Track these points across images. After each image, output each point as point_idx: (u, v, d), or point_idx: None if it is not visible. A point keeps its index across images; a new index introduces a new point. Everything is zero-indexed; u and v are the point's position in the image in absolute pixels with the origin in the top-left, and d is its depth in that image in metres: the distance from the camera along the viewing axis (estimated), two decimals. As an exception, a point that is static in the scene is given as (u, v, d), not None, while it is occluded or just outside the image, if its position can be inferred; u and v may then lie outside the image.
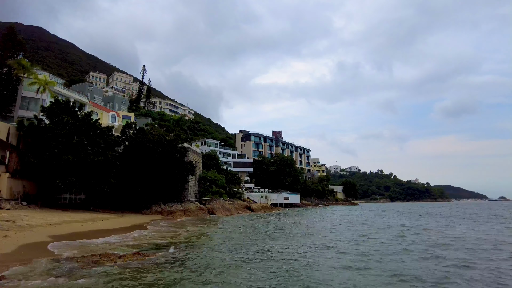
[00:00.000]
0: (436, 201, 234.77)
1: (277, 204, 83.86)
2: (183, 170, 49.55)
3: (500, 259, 17.70)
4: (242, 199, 68.95)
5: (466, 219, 50.26)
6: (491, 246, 21.89)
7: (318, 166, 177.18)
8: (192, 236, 25.98)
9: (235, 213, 55.43)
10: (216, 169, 69.34)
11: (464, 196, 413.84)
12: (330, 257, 17.79)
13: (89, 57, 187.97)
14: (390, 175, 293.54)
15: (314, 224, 40.26)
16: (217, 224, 37.62)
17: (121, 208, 42.79)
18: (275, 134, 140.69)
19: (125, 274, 13.07)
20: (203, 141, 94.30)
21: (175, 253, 18.26)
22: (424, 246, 21.90)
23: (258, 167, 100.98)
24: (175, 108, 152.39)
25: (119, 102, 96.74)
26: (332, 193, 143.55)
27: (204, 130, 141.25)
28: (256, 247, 21.04)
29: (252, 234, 28.28)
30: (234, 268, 14.95)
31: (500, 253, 19.31)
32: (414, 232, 30.87)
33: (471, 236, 27.30)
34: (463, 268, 15.50)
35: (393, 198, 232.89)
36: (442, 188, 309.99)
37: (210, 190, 59.06)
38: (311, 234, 28.62)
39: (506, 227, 35.93)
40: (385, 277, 13.72)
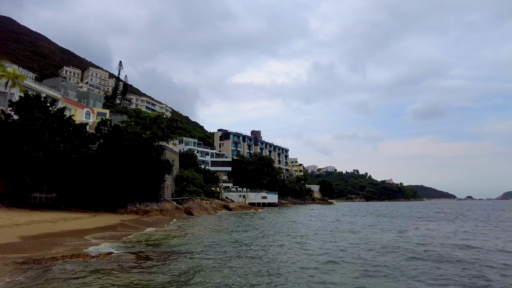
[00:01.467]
0: (409, 201, 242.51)
1: (255, 203, 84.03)
2: (160, 169, 48.76)
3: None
4: (220, 198, 68.66)
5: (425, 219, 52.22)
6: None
7: (296, 166, 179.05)
8: (167, 235, 25.62)
9: (213, 212, 55.12)
10: (194, 168, 68.65)
11: (434, 195, 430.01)
12: (298, 256, 18.04)
13: (63, 51, 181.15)
14: (365, 175, 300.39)
15: (286, 223, 40.66)
16: (193, 223, 37.27)
17: (95, 208, 41.60)
18: (254, 133, 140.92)
19: (96, 275, 12.71)
20: (181, 139, 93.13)
21: (147, 252, 17.94)
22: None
23: (236, 167, 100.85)
24: (152, 106, 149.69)
25: (94, 98, 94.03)
26: (309, 192, 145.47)
27: (182, 129, 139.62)
28: (230, 246, 20.99)
29: (226, 233, 28.19)
30: (208, 268, 14.85)
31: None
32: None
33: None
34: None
35: (368, 198, 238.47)
36: (415, 188, 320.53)
37: (187, 190, 58.43)
38: (281, 233, 28.89)
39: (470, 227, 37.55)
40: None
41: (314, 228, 34.33)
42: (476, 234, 29.45)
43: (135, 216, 41.35)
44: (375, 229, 33.72)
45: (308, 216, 54.12)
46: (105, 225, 30.59)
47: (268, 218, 48.94)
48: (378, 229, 33.22)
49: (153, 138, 50.38)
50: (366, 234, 29.09)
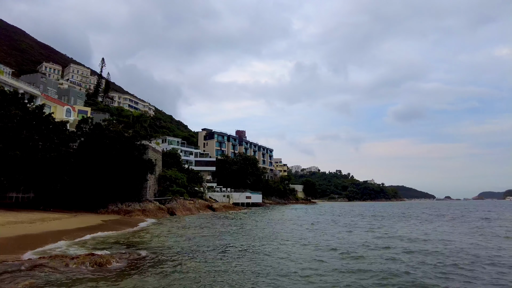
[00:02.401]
0: (390, 201, 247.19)
1: (239, 203, 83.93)
2: (142, 169, 48.03)
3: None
4: (204, 198, 68.22)
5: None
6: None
7: (280, 166, 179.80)
8: (148, 236, 25.28)
9: (196, 212, 54.71)
10: (177, 168, 67.95)
11: (415, 195, 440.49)
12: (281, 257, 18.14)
13: (42, 46, 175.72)
14: (348, 175, 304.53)
15: (268, 223, 40.81)
16: (175, 223, 36.88)
17: (75, 207, 40.61)
18: (239, 133, 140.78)
19: (79, 281, 12.41)
20: (164, 138, 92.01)
21: (131, 254, 17.64)
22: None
23: (221, 166, 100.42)
24: (134, 104, 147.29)
25: (75, 95, 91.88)
26: (293, 192, 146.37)
27: (165, 128, 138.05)
28: (212, 247, 20.88)
29: (209, 233, 28.03)
30: (193, 269, 14.73)
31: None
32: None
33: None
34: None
35: (350, 198, 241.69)
36: (396, 188, 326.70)
37: (170, 189, 57.77)
38: (263, 233, 29.00)
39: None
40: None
41: (289, 229, 34.56)
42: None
43: (117, 216, 40.59)
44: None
45: (288, 220, 54.40)
46: (85, 225, 29.89)
47: (249, 218, 48.98)
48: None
49: (135, 137, 49.60)
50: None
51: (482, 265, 16.15)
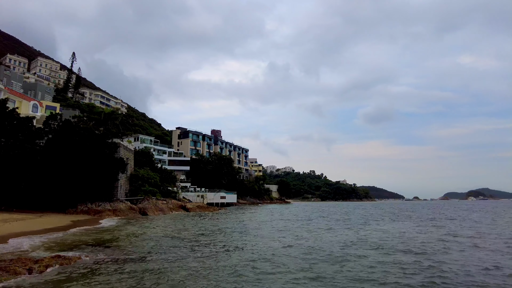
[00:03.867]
0: (362, 201, 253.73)
1: (214, 203, 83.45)
2: (113, 167, 46.75)
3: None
4: (177, 198, 67.27)
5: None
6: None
7: (255, 166, 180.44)
8: (117, 236, 24.67)
9: (169, 213, 53.89)
10: (150, 167, 66.61)
11: (385, 196, 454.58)
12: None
13: (6, 37, 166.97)
14: (321, 175, 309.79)
15: (239, 224, 40.94)
16: (146, 224, 36.17)
17: (41, 208, 38.92)
18: (214, 132, 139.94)
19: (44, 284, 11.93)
20: (136, 136, 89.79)
21: (97, 254, 17.14)
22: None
23: (195, 166, 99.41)
24: (106, 101, 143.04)
25: (43, 90, 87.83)
26: (268, 192, 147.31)
27: (138, 126, 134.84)
28: (180, 247, 20.66)
29: (178, 234, 27.72)
30: (158, 270, 14.54)
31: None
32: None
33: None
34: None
35: (323, 197, 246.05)
36: (367, 189, 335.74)
37: (143, 189, 56.56)
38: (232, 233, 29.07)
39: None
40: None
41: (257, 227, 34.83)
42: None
43: (86, 217, 39.34)
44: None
45: (258, 221, 54.76)
46: (52, 226, 28.76)
47: (222, 218, 48.86)
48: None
49: (106, 134, 48.26)
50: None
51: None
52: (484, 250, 20.63)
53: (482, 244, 23.25)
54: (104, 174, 44.56)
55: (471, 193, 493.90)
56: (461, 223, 42.49)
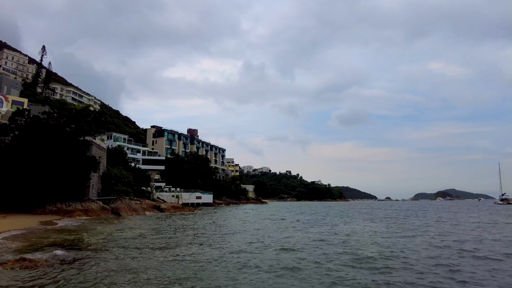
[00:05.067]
0: (336, 201, 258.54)
1: (189, 203, 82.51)
2: (85, 166, 45.30)
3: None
4: (151, 198, 66.02)
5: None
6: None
7: (232, 166, 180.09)
8: (86, 237, 23.88)
9: (143, 213, 52.78)
10: (123, 166, 64.97)
11: (358, 196, 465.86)
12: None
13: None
14: (297, 176, 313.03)
15: (210, 225, 40.78)
16: (117, 224, 35.26)
17: (6, 208, 37.09)
18: (191, 132, 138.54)
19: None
20: (110, 134, 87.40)
21: (69, 256, 16.52)
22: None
23: (170, 166, 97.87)
24: (79, 97, 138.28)
25: (9, 84, 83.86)
26: (244, 192, 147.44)
27: (112, 123, 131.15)
28: (153, 248, 20.28)
29: (150, 235, 27.20)
30: (131, 271, 14.20)
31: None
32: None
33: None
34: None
35: (299, 197, 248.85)
36: (341, 189, 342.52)
37: (115, 189, 55.08)
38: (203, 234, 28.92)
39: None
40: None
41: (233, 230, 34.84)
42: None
43: (56, 217, 37.87)
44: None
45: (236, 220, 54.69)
46: (17, 227, 27.44)
47: (195, 219, 48.45)
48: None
49: (78, 132, 46.64)
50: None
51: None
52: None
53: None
54: (75, 173, 43.10)
55: (440, 193, 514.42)
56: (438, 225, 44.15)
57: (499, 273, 14.76)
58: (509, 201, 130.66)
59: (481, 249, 20.94)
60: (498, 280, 13.49)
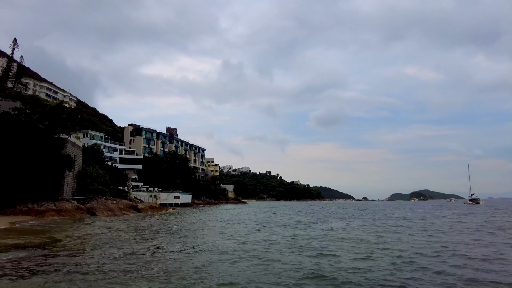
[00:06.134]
0: (314, 201, 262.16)
1: (167, 203, 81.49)
2: (59, 165, 43.91)
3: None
4: (128, 198, 64.80)
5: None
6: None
7: (212, 166, 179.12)
8: (56, 238, 23.20)
9: (119, 213, 51.69)
10: (99, 165, 63.38)
11: (336, 196, 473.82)
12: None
13: None
14: (276, 176, 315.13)
15: (187, 225, 40.55)
16: (93, 224, 34.42)
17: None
18: (170, 130, 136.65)
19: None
20: (86, 132, 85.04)
21: (34, 259, 15.99)
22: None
23: (148, 165, 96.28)
24: (53, 93, 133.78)
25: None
26: (224, 192, 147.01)
27: (88, 121, 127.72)
28: (122, 250, 19.97)
29: (124, 235, 26.74)
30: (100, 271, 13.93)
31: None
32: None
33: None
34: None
35: (278, 197, 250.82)
36: (320, 189, 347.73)
37: (91, 188, 53.68)
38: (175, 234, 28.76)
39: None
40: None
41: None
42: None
43: (27, 218, 36.55)
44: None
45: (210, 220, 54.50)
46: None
47: (171, 219, 47.99)
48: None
49: (52, 129, 45.15)
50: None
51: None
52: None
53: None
54: (48, 172, 41.72)
55: (414, 194, 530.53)
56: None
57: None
58: (477, 201, 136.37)
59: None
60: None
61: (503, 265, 16.35)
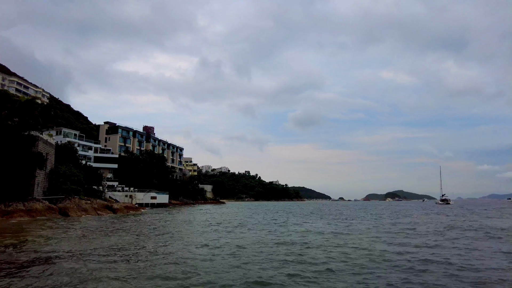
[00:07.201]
0: (292, 201, 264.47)
1: (144, 204, 79.95)
2: (30, 163, 42.22)
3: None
4: (103, 198, 63.12)
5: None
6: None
7: (190, 165, 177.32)
8: (21, 239, 22.34)
9: (94, 213, 50.29)
10: (73, 164, 61.40)
11: (314, 196, 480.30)
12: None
13: None
14: (255, 176, 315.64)
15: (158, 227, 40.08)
16: (63, 225, 33.33)
17: None
18: (147, 129, 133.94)
19: None
20: (59, 130, 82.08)
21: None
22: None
23: (124, 164, 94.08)
24: (24, 88, 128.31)
25: None
26: (202, 192, 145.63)
27: (62, 118, 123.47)
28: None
29: (93, 236, 26.08)
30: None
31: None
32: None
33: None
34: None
35: (257, 197, 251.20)
36: (298, 189, 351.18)
37: (64, 188, 51.90)
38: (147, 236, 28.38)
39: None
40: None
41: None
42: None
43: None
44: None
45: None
46: None
47: (147, 220, 47.23)
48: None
49: (22, 126, 43.35)
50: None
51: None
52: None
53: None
54: (18, 171, 40.03)
55: (389, 194, 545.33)
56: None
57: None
58: (448, 201, 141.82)
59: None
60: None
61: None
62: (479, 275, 14.19)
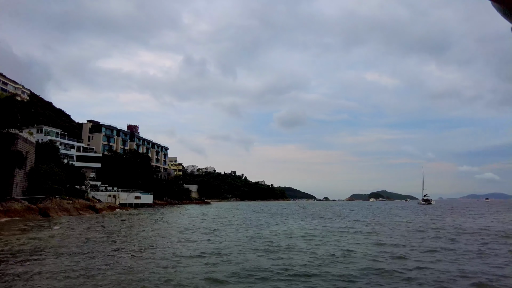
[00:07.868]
0: (278, 201, 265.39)
1: (127, 204, 78.72)
2: (8, 162, 40.98)
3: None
4: (86, 198, 61.86)
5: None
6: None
7: (175, 165, 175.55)
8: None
9: (76, 213, 49.21)
10: (55, 163, 59.88)
11: (299, 196, 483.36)
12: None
13: None
14: (241, 176, 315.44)
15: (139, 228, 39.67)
16: (44, 226, 32.52)
17: None
18: (131, 128, 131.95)
19: None
20: (40, 128, 79.95)
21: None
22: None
23: (107, 163, 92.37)
24: (3, 85, 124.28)
25: None
26: (187, 192, 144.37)
27: (43, 116, 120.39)
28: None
29: (76, 238, 25.58)
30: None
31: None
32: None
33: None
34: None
35: (243, 197, 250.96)
36: (284, 189, 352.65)
37: (45, 187, 50.55)
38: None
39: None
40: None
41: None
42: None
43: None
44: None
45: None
46: None
47: (132, 220, 46.63)
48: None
49: (0, 124, 42.02)
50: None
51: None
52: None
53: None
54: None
55: (373, 194, 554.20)
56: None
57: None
58: (429, 202, 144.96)
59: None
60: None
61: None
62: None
